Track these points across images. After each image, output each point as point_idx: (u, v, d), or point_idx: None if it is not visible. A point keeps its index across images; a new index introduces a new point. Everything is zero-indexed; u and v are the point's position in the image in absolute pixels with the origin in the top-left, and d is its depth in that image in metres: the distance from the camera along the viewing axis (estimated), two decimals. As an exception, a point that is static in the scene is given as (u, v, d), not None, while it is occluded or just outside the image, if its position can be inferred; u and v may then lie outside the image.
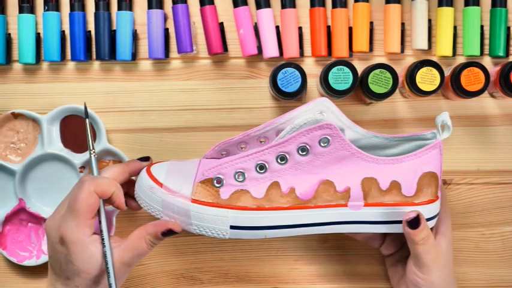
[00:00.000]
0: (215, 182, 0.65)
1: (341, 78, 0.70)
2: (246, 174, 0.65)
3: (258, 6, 0.75)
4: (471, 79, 0.71)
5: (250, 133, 0.68)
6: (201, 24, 0.76)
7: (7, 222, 0.77)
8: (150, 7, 0.76)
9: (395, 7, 0.75)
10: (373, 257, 0.78)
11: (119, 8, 0.76)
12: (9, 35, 0.77)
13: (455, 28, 0.76)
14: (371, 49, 0.76)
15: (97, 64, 0.77)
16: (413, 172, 0.66)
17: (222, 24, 0.76)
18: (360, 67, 0.73)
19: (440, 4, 0.76)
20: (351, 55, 0.76)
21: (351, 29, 0.76)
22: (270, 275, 0.78)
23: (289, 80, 0.70)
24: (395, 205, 0.67)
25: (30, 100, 0.77)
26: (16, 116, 0.76)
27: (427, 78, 0.70)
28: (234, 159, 0.65)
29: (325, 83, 0.70)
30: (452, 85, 0.72)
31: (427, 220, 0.67)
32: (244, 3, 0.75)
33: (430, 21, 0.76)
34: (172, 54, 0.77)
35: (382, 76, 0.70)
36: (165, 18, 0.76)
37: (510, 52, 0.77)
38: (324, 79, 0.70)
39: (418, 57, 0.77)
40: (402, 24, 0.76)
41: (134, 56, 0.76)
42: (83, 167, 0.76)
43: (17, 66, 0.77)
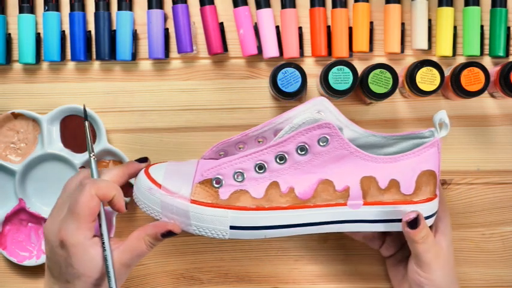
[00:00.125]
0: (214, 183, 0.65)
1: (341, 78, 0.70)
2: (245, 174, 0.65)
3: (258, 6, 0.75)
4: (471, 79, 0.71)
5: (248, 133, 0.68)
6: (201, 24, 0.76)
7: (7, 222, 0.77)
8: (150, 7, 0.76)
9: (395, 7, 0.75)
10: (374, 256, 0.78)
11: (119, 8, 0.76)
12: (9, 35, 0.77)
13: (455, 28, 0.76)
14: (371, 49, 0.76)
15: (97, 64, 0.77)
16: (412, 170, 0.66)
17: (222, 24, 0.76)
18: (360, 67, 0.73)
19: (440, 4, 0.76)
20: (351, 55, 0.76)
21: (351, 29, 0.76)
22: (270, 275, 0.78)
23: (289, 80, 0.70)
24: (394, 203, 0.67)
25: (30, 100, 0.77)
26: (16, 116, 0.76)
27: (427, 78, 0.70)
28: (232, 160, 0.65)
29: (325, 83, 0.70)
30: (452, 85, 0.72)
31: (426, 218, 0.67)
32: (244, 3, 0.75)
33: (430, 21, 0.76)
34: (172, 54, 0.77)
35: (382, 76, 0.70)
36: (165, 18, 0.76)
37: (510, 52, 0.77)
38: (324, 79, 0.70)
39: (418, 57, 0.77)
40: (402, 24, 0.76)
41: (134, 56, 0.76)
42: (83, 167, 0.76)
43: (17, 66, 0.77)
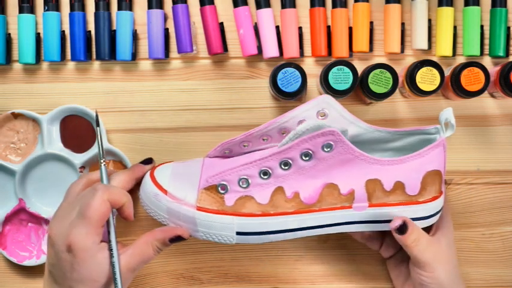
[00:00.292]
0: (219, 189, 0.65)
1: (341, 78, 0.70)
2: (250, 180, 0.65)
3: (258, 6, 0.75)
4: (471, 79, 0.71)
5: (253, 133, 0.68)
6: (201, 24, 0.76)
7: (7, 222, 0.77)
8: (150, 7, 0.76)
9: (395, 7, 0.75)
10: (374, 256, 0.78)
11: (119, 8, 0.76)
12: (9, 35, 0.77)
13: (455, 28, 0.76)
14: (371, 49, 0.76)
15: (97, 64, 0.77)
16: (417, 172, 0.66)
17: (222, 24, 0.76)
18: (360, 67, 0.73)
19: (440, 4, 0.76)
20: (351, 55, 0.76)
21: (351, 29, 0.76)
22: (270, 275, 0.78)
23: (289, 80, 0.70)
24: (399, 205, 0.67)
25: (30, 100, 0.77)
26: (16, 116, 0.76)
27: (427, 78, 0.70)
28: (237, 167, 0.65)
29: (325, 83, 0.70)
30: (452, 85, 0.71)
31: (431, 216, 0.68)
32: (244, 3, 0.75)
33: (430, 21, 0.76)
34: (172, 54, 0.77)
35: (382, 76, 0.70)
36: (165, 18, 0.76)
37: (510, 52, 0.77)
38: (324, 79, 0.70)
39: (418, 57, 0.77)
40: (402, 24, 0.76)
41: (134, 56, 0.76)
42: (83, 167, 0.76)
43: (17, 66, 0.77)
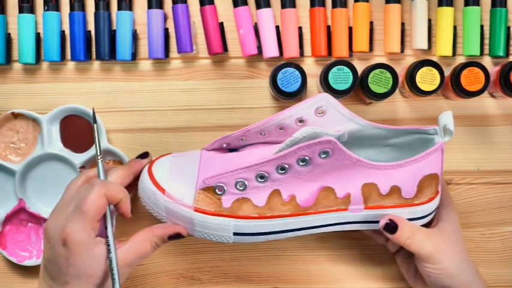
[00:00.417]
0: (217, 190, 0.65)
1: (341, 78, 0.70)
2: (246, 183, 0.65)
3: (258, 6, 0.75)
4: (471, 79, 0.71)
5: (250, 129, 0.68)
6: (201, 24, 0.76)
7: (7, 222, 0.77)
8: (150, 7, 0.76)
9: (395, 7, 0.75)
10: (374, 257, 0.78)
11: (119, 8, 0.76)
12: (9, 35, 0.77)
13: (455, 28, 0.76)
14: (371, 49, 0.76)
15: (97, 64, 0.77)
16: (414, 176, 0.66)
17: (222, 24, 0.76)
18: (360, 67, 0.73)
19: (440, 4, 0.76)
20: (351, 55, 0.76)
21: (351, 29, 0.76)
22: (270, 275, 0.78)
23: (289, 80, 0.70)
24: (395, 207, 0.67)
25: (30, 100, 0.77)
26: (16, 116, 0.76)
27: (427, 78, 0.70)
28: (233, 170, 0.65)
29: (325, 83, 0.70)
30: (452, 85, 0.71)
31: (426, 216, 0.68)
32: (244, 3, 0.75)
33: (430, 21, 0.76)
34: (172, 54, 0.77)
35: (382, 76, 0.70)
36: (165, 18, 0.76)
37: (510, 52, 0.77)
38: (324, 79, 0.70)
39: (418, 57, 0.77)
40: (402, 24, 0.76)
41: (134, 56, 0.76)
42: (83, 167, 0.76)
43: (17, 66, 0.77)
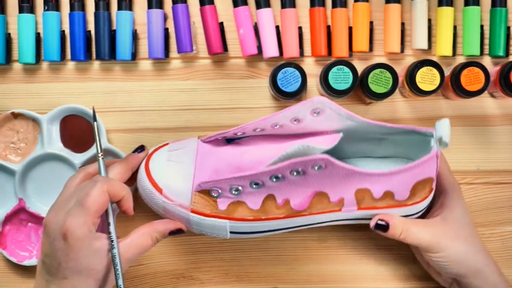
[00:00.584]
0: (212, 193, 0.66)
1: (341, 78, 0.70)
2: (241, 188, 0.66)
3: (258, 6, 0.75)
4: (471, 79, 0.71)
5: (245, 127, 0.68)
6: (201, 24, 0.76)
7: (7, 222, 0.77)
8: (150, 7, 0.76)
9: (395, 7, 0.75)
10: (374, 257, 0.78)
11: (119, 8, 0.76)
12: (9, 35, 0.77)
13: (455, 28, 0.76)
14: (371, 49, 0.76)
15: (97, 64, 0.77)
16: (408, 182, 0.67)
17: (222, 24, 0.76)
18: (360, 67, 0.73)
19: (440, 4, 0.76)
20: (351, 55, 0.76)
21: (351, 28, 0.76)
22: (270, 275, 0.78)
23: (289, 80, 0.70)
24: (388, 207, 0.68)
25: (30, 100, 0.77)
26: (16, 116, 0.76)
27: (427, 78, 0.70)
28: (228, 179, 0.66)
29: (325, 82, 0.70)
30: (452, 85, 0.71)
31: (421, 211, 0.69)
32: (244, 3, 0.75)
33: (430, 21, 0.76)
34: (172, 54, 0.77)
35: (382, 76, 0.70)
36: (165, 18, 0.76)
37: (510, 52, 0.77)
38: (324, 79, 0.70)
39: (418, 57, 0.77)
40: (402, 24, 0.76)
41: (134, 56, 0.76)
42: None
43: (17, 66, 0.77)
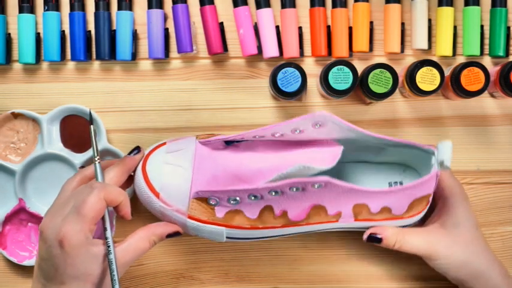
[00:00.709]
0: (210, 201, 0.66)
1: (341, 78, 0.70)
2: (239, 199, 0.66)
3: (258, 6, 0.75)
4: (471, 79, 0.71)
5: (244, 134, 0.68)
6: (201, 24, 0.76)
7: (7, 222, 0.77)
8: (150, 7, 0.76)
9: (395, 7, 0.75)
10: (374, 257, 0.78)
11: (119, 8, 0.76)
12: (9, 35, 0.77)
13: (455, 28, 0.76)
14: (371, 49, 0.76)
15: (97, 64, 0.77)
16: (406, 199, 0.68)
17: (222, 24, 0.76)
18: (360, 67, 0.73)
19: (440, 4, 0.76)
20: (351, 55, 0.76)
21: (351, 28, 0.76)
22: (270, 275, 0.78)
23: (289, 80, 0.70)
24: (384, 220, 0.69)
25: (30, 100, 0.77)
26: (16, 116, 0.76)
27: (427, 78, 0.70)
28: (226, 191, 0.66)
29: (325, 82, 0.70)
30: (452, 85, 0.71)
31: (413, 223, 0.71)
32: (244, 3, 0.75)
33: (430, 21, 0.76)
34: (172, 54, 0.77)
35: (382, 76, 0.70)
36: (165, 18, 0.76)
37: (510, 52, 0.77)
38: (324, 79, 0.70)
39: (418, 57, 0.77)
40: (402, 24, 0.76)
41: (134, 56, 0.76)
42: (83, 167, 0.76)
43: (17, 66, 0.77)
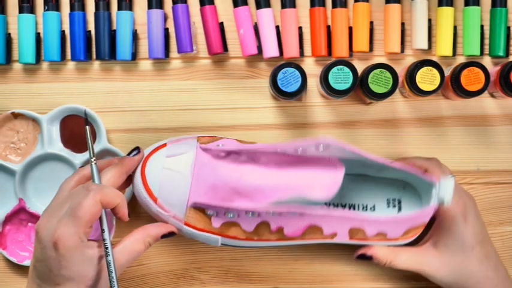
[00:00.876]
0: (207, 212, 0.67)
1: (341, 78, 0.70)
2: (236, 213, 0.67)
3: (258, 6, 0.75)
4: (471, 79, 0.71)
5: (243, 149, 0.69)
6: (201, 24, 0.76)
7: (7, 222, 0.77)
8: (150, 7, 0.76)
9: (395, 7, 0.75)
10: (373, 257, 0.78)
11: (119, 8, 0.76)
12: (9, 35, 0.77)
13: (455, 28, 0.76)
14: (371, 49, 0.76)
15: (97, 64, 0.77)
16: (402, 227, 0.69)
17: (222, 24, 0.76)
18: (360, 67, 0.73)
19: (440, 4, 0.76)
20: (351, 55, 0.76)
21: (351, 28, 0.76)
22: (270, 275, 0.78)
23: (289, 80, 0.70)
24: (378, 240, 0.70)
25: (30, 100, 0.77)
26: (16, 116, 0.76)
27: (427, 78, 0.70)
28: (224, 206, 0.66)
29: (325, 82, 0.70)
30: (452, 85, 0.71)
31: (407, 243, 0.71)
32: (244, 3, 0.75)
33: (430, 21, 0.76)
34: (172, 54, 0.77)
35: (382, 76, 0.70)
36: (165, 18, 0.76)
37: (510, 52, 0.77)
38: (324, 79, 0.70)
39: (418, 57, 0.77)
40: (402, 24, 0.76)
41: (134, 56, 0.76)
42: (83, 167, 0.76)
43: (17, 66, 0.77)
